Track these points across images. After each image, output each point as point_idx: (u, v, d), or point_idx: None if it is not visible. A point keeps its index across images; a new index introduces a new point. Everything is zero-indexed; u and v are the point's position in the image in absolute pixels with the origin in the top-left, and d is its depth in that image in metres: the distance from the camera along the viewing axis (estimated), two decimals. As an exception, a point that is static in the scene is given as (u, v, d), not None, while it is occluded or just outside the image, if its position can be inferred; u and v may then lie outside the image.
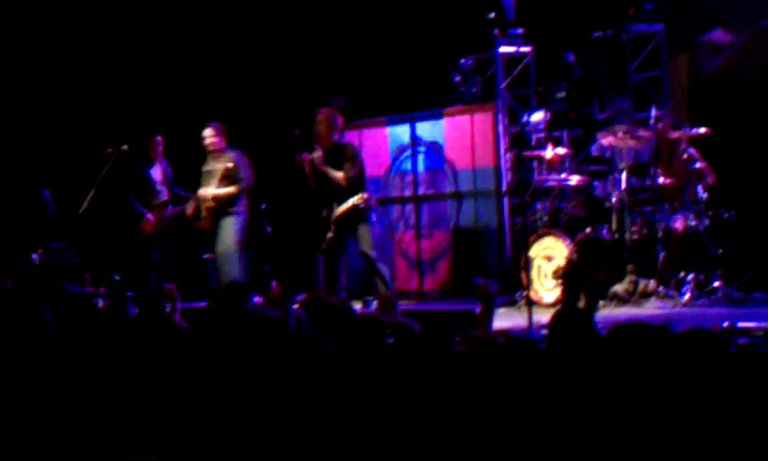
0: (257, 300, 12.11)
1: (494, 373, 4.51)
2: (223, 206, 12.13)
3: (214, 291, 12.13)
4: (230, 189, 12.08)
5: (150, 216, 12.26)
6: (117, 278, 10.58)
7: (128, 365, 5.27)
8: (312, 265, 12.79)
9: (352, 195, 11.47)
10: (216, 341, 5.30)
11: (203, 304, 9.11)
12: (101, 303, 9.96)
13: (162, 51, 15.19)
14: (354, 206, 11.45)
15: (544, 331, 5.33)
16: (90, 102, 14.89)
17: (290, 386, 4.59)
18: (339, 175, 11.50)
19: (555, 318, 5.18)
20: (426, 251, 13.98)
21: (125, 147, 12.21)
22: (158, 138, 12.50)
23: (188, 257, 13.28)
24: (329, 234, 11.59)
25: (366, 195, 11.53)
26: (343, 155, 11.59)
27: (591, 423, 4.18)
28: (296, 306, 7.84)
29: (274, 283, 12.36)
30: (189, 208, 12.29)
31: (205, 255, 12.93)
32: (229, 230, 12.15)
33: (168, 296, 9.21)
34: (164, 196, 12.50)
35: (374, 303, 11.30)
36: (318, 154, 11.60)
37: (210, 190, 12.12)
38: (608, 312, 10.61)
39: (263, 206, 13.06)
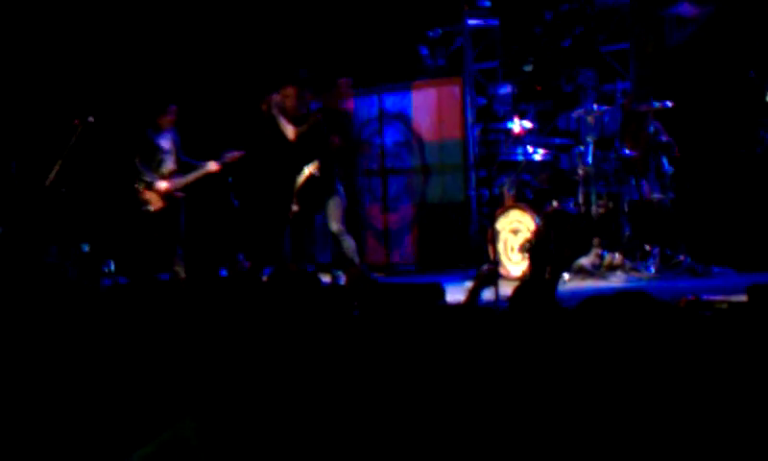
0: (224, 273, 12.17)
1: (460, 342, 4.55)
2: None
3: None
4: None
5: (161, 184, 12.09)
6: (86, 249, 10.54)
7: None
8: (280, 238, 12.79)
9: (306, 164, 11.43)
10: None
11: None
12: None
13: (126, 25, 15.10)
14: (315, 177, 11.40)
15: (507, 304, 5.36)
16: (56, 72, 14.79)
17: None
18: (288, 127, 11.46)
19: (518, 290, 5.20)
20: (393, 223, 14.00)
21: (91, 118, 12.11)
22: (173, 108, 12.31)
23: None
24: (293, 208, 11.54)
25: (318, 164, 11.46)
26: (306, 120, 11.57)
27: (552, 394, 4.21)
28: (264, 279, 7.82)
29: (241, 256, 12.39)
30: None
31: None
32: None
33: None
34: (171, 165, 12.36)
35: (343, 277, 11.34)
36: (276, 98, 11.56)
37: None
38: (573, 285, 10.66)
39: (230, 180, 13.03)
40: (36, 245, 12.26)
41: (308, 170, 11.42)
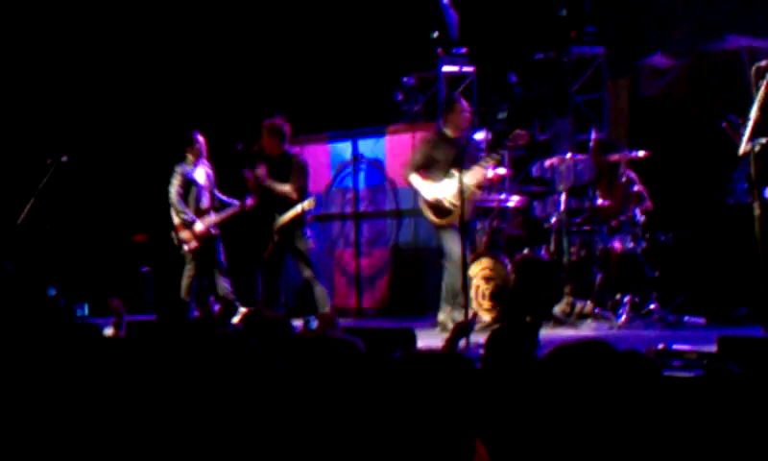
0: (196, 315, 12.11)
1: (434, 388, 4.53)
2: None
3: None
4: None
5: (198, 225, 12.01)
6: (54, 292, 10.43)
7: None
8: (252, 281, 12.74)
9: (297, 203, 11.41)
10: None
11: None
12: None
13: (108, 65, 15.11)
14: (296, 217, 11.37)
15: (481, 351, 5.34)
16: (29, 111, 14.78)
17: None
18: (286, 188, 11.45)
19: (492, 337, 5.19)
20: (366, 268, 13.99)
21: (64, 158, 12.07)
22: (201, 138, 12.22)
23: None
24: (272, 243, 11.50)
25: (314, 200, 11.48)
26: (291, 166, 11.55)
27: (526, 443, 4.20)
28: (236, 321, 7.81)
29: (212, 298, 12.34)
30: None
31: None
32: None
33: (114, 310, 9.11)
34: (206, 202, 12.27)
35: (315, 322, 11.29)
36: (260, 170, 11.56)
37: None
38: (544, 333, 10.65)
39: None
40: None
41: (300, 207, 11.38)
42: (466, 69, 13.78)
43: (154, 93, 15.37)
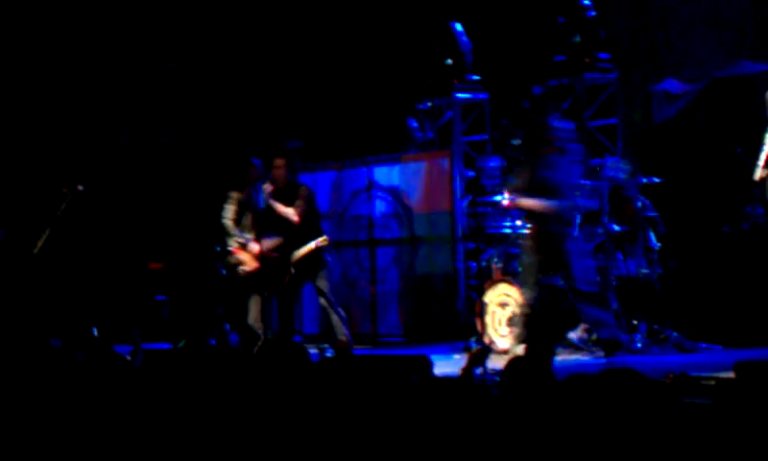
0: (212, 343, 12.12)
1: (452, 415, 4.53)
2: None
3: None
4: None
5: (254, 245, 12.01)
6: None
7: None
8: (267, 309, 12.76)
9: (311, 238, 11.44)
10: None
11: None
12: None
13: (118, 93, 15.17)
14: (315, 249, 11.40)
15: (498, 378, 5.34)
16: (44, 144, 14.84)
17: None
18: (289, 210, 11.48)
19: (509, 365, 5.19)
20: (381, 295, 13.99)
21: (80, 187, 12.10)
22: (257, 163, 12.14)
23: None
24: (288, 276, 11.52)
25: (327, 237, 11.50)
26: (296, 194, 11.58)
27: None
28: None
29: (227, 326, 12.35)
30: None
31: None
32: None
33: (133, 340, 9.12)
34: (261, 226, 12.09)
35: (331, 350, 11.31)
36: (268, 187, 11.58)
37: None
38: (561, 359, 10.64)
39: (218, 249, 13.02)
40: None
41: (314, 243, 11.40)
42: (479, 96, 13.80)
43: (169, 122, 15.43)
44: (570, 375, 4.62)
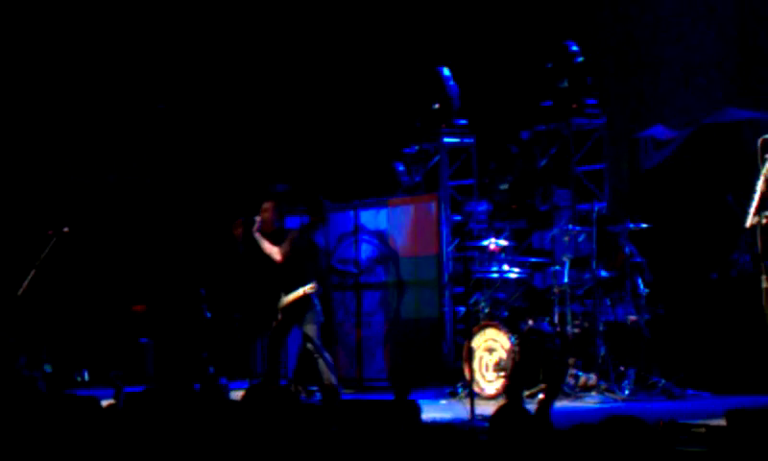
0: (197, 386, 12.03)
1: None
2: None
3: None
4: None
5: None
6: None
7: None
8: (251, 352, 12.70)
9: (301, 284, 11.35)
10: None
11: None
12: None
13: (104, 135, 15.15)
14: (303, 295, 11.31)
15: (486, 423, 5.30)
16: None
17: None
18: (273, 249, 11.41)
19: (498, 412, 5.15)
20: (367, 339, 13.92)
21: (66, 229, 12.02)
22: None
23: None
24: (276, 321, 11.43)
25: (315, 285, 11.40)
26: (282, 237, 11.52)
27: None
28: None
29: (212, 369, 12.28)
30: None
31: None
32: None
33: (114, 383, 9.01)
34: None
35: (319, 394, 11.23)
36: (257, 219, 11.50)
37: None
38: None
39: (203, 292, 12.96)
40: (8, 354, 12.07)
41: (303, 290, 11.32)
42: (466, 140, 13.80)
43: (155, 164, 15.41)
44: (575, 425, 4.56)
